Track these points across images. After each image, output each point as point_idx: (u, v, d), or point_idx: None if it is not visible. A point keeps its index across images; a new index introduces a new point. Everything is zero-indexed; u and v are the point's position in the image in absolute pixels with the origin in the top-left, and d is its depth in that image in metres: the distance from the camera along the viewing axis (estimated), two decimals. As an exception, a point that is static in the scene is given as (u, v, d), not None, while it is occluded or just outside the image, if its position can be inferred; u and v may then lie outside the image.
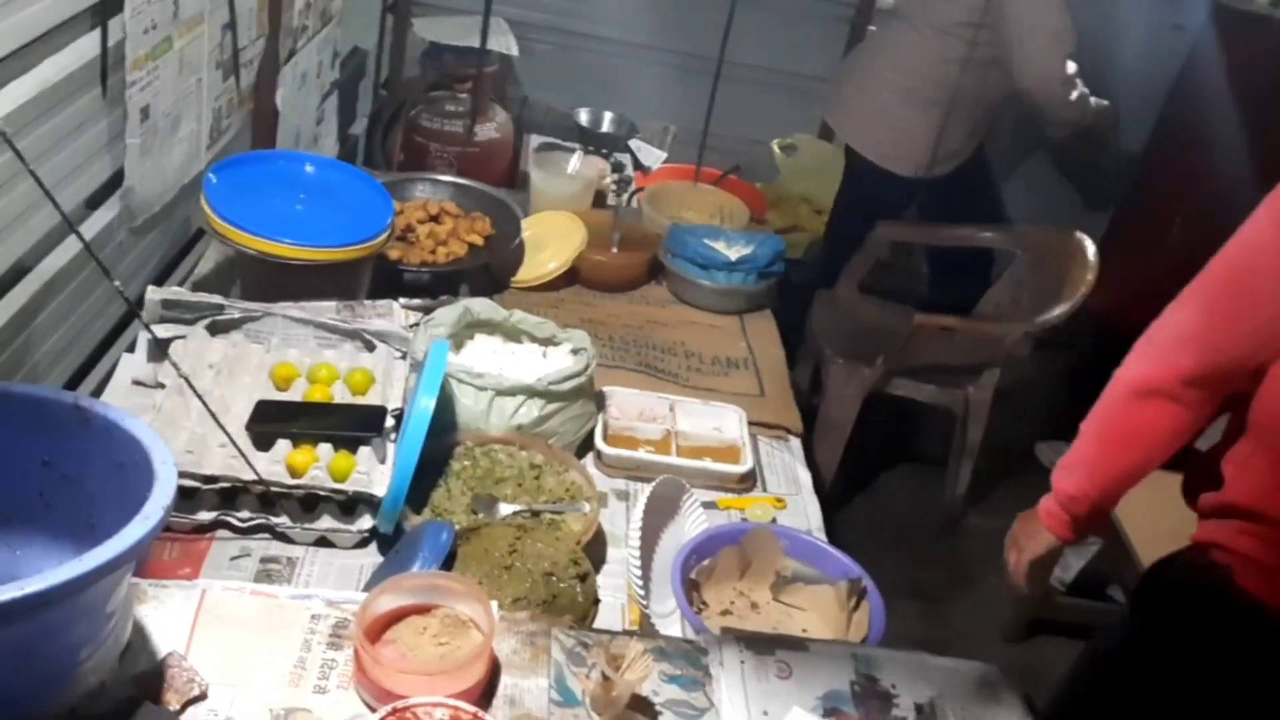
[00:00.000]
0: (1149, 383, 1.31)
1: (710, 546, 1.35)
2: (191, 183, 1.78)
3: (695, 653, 1.10)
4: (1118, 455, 1.36)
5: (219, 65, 1.84)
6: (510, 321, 1.64)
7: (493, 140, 2.94)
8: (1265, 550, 1.26)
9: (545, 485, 1.43)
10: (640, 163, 2.93)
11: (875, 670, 1.11)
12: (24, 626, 0.71)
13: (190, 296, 1.51)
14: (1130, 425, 1.34)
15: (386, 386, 1.48)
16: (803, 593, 1.34)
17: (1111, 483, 1.37)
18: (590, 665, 1.03)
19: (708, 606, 1.31)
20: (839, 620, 1.30)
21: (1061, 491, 1.40)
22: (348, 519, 1.32)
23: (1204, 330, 1.27)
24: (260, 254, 1.54)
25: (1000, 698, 1.10)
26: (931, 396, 2.73)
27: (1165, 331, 1.32)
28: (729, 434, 1.65)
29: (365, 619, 0.97)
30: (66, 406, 0.88)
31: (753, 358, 1.91)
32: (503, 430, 1.49)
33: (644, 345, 1.88)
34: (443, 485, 1.39)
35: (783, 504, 1.57)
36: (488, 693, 1.00)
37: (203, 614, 1.00)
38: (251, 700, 0.92)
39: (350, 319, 1.57)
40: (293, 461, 1.31)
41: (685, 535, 1.42)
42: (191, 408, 1.35)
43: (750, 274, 2.01)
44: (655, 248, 2.07)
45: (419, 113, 2.87)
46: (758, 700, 1.05)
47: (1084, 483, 1.37)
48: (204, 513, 1.29)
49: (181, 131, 1.73)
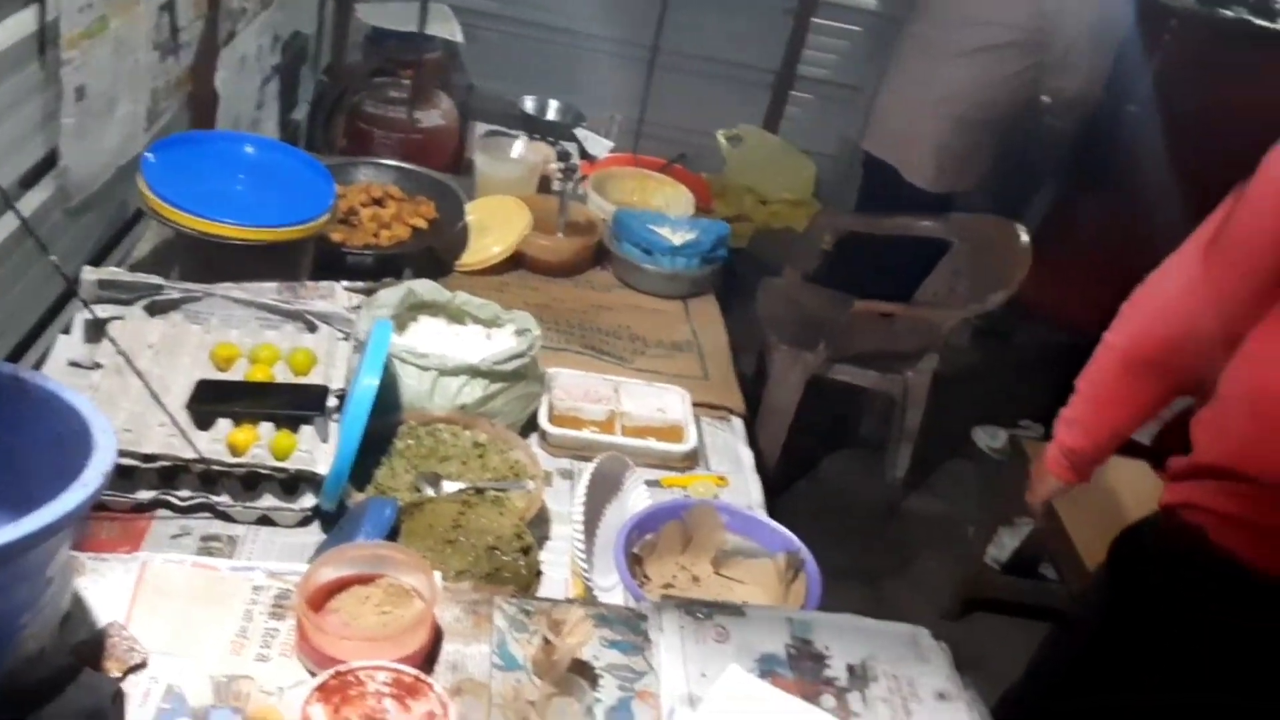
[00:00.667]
0: (1136, 352, 1.44)
1: (653, 522, 1.37)
2: (130, 165, 1.76)
3: (635, 619, 1.12)
4: (1109, 416, 1.53)
5: (157, 46, 1.82)
6: (454, 303, 1.65)
7: (438, 127, 2.93)
8: (1241, 506, 1.32)
9: (489, 464, 1.44)
10: (586, 152, 2.95)
11: (809, 633, 1.14)
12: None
13: (128, 277, 1.50)
14: (1119, 391, 1.49)
15: (329, 367, 1.48)
16: (743, 566, 1.37)
17: (1105, 439, 1.55)
18: (532, 631, 1.05)
19: (650, 580, 1.34)
20: (778, 592, 1.33)
21: (1063, 444, 1.57)
22: (290, 498, 1.32)
23: (1188, 299, 1.36)
24: (199, 234, 1.53)
25: (928, 657, 1.14)
26: (872, 382, 2.79)
27: (1152, 299, 1.43)
28: (672, 414, 1.68)
29: (308, 587, 0.98)
30: (4, 377, 0.87)
31: (696, 341, 1.94)
32: (447, 410, 1.50)
33: (588, 328, 1.90)
34: (386, 464, 1.40)
35: (725, 482, 1.60)
36: (430, 660, 1.01)
37: (143, 586, 1.00)
38: (193, 668, 0.93)
39: (292, 300, 1.57)
40: (234, 440, 1.31)
41: (629, 511, 1.44)
42: (130, 387, 1.34)
43: (694, 259, 2.03)
44: (600, 233, 2.09)
45: (362, 99, 2.85)
46: (695, 663, 1.07)
47: (1081, 438, 1.55)
48: (143, 492, 1.28)
49: (119, 112, 1.71)
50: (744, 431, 1.76)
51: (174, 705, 0.88)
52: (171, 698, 0.89)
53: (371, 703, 0.88)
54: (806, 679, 1.09)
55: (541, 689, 0.99)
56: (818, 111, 3.98)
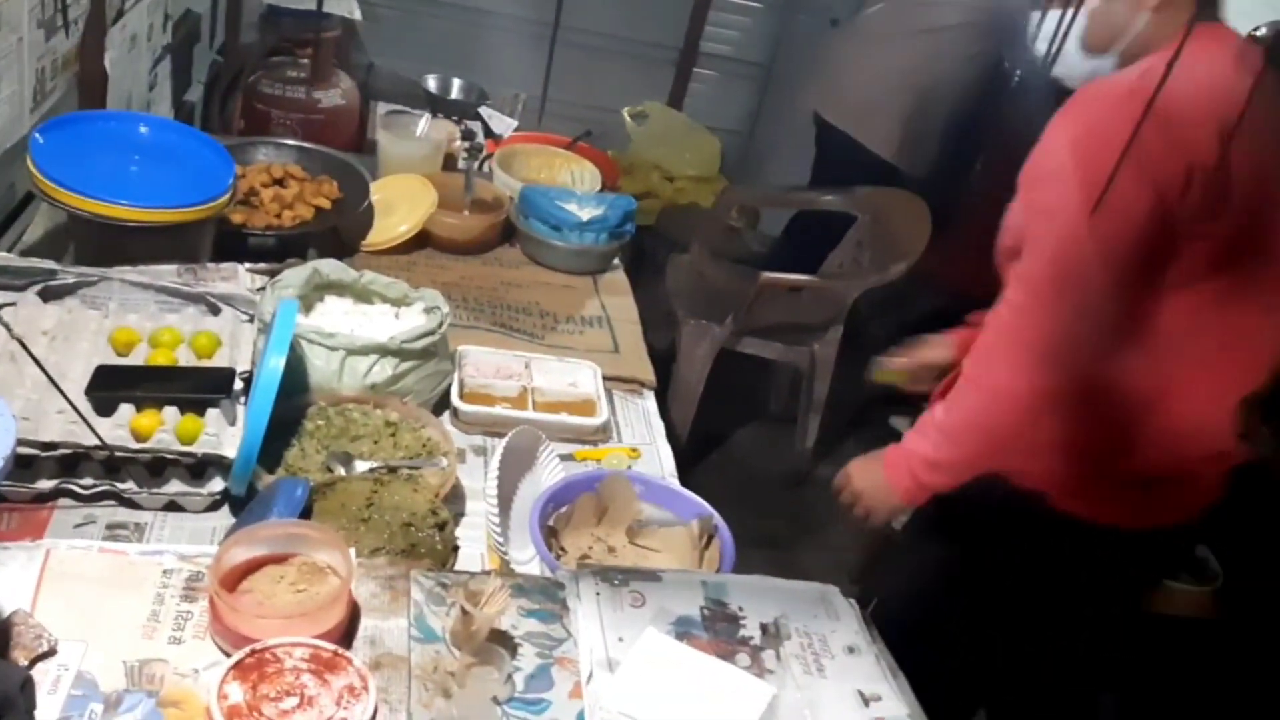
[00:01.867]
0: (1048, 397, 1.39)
1: (567, 494, 1.39)
2: (16, 147, 1.69)
3: (552, 587, 1.14)
4: (997, 457, 1.47)
5: (41, 24, 1.75)
6: (360, 283, 1.64)
7: (338, 107, 2.88)
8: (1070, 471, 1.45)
9: (401, 442, 1.44)
10: (491, 130, 2.93)
11: (723, 596, 1.17)
12: None
13: (19, 262, 1.45)
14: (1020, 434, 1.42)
15: (234, 349, 1.46)
16: (657, 535, 1.40)
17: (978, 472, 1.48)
18: (450, 604, 1.07)
19: (566, 553, 1.35)
20: (692, 558, 1.36)
21: (922, 481, 1.49)
22: (197, 482, 1.30)
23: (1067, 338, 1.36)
24: (92, 215, 1.48)
25: (839, 614, 1.19)
26: (779, 354, 2.85)
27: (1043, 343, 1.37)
28: (584, 389, 1.70)
29: (220, 568, 0.97)
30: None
31: (606, 315, 1.96)
32: (356, 390, 1.49)
33: (498, 306, 1.90)
34: (296, 445, 1.39)
35: (637, 454, 1.63)
36: (347, 636, 1.01)
37: (47, 573, 0.98)
38: (103, 654, 0.92)
39: (193, 282, 1.54)
40: (137, 426, 1.28)
41: (542, 485, 1.46)
42: (25, 375, 1.30)
43: (601, 234, 2.05)
44: (507, 210, 2.09)
45: (258, 79, 2.78)
46: (613, 628, 1.10)
47: (947, 478, 1.48)
48: (43, 481, 1.25)
49: (1, 93, 1.64)
50: (655, 404, 1.79)
51: (85, 691, 0.87)
52: (82, 684, 0.88)
53: (290, 679, 0.89)
54: (722, 639, 1.12)
55: (461, 659, 1.01)
56: (721, 88, 4.02)
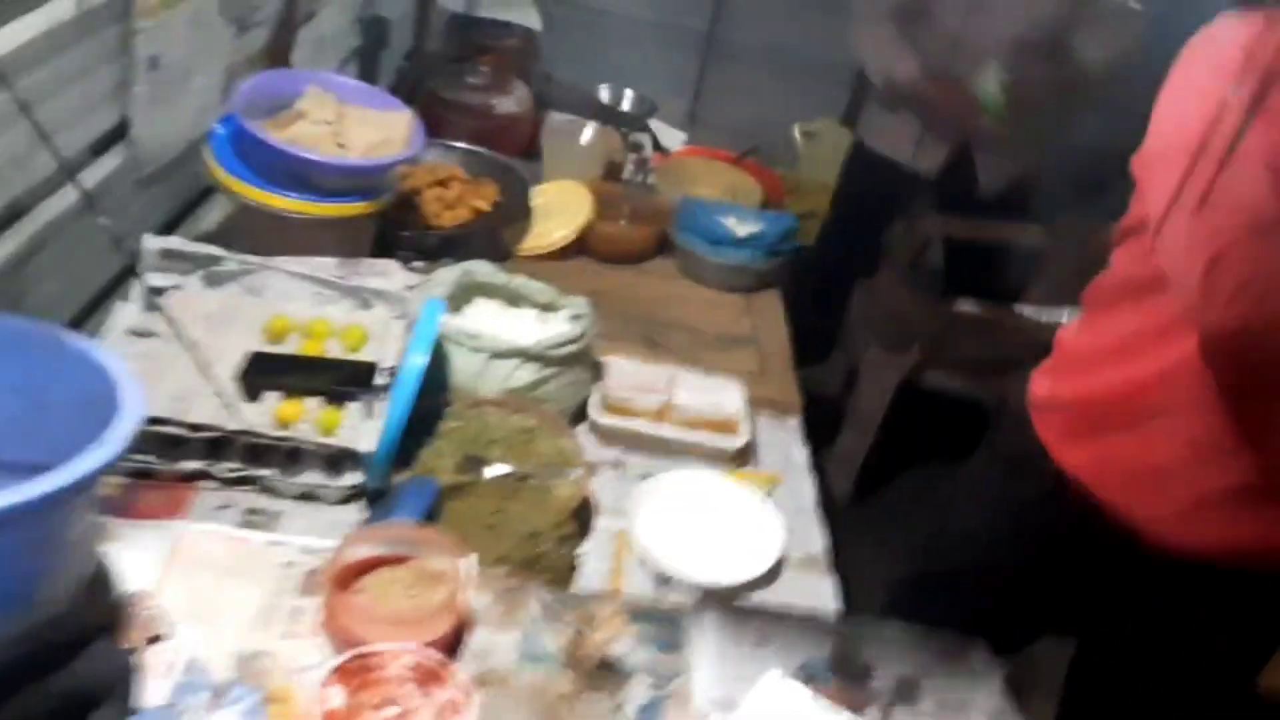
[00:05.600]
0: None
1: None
2: (201, 140, 1.77)
3: (672, 616, 1.08)
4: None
5: (234, 20, 1.83)
6: (511, 285, 1.63)
7: (512, 114, 2.90)
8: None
9: (536, 450, 1.41)
10: (659, 143, 2.91)
11: (854, 643, 1.09)
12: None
13: (188, 247, 1.50)
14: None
15: (382, 344, 1.47)
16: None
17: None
18: (565, 624, 1.02)
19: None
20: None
21: None
22: (333, 474, 1.31)
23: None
24: (263, 206, 1.53)
25: (980, 674, 1.08)
26: (965, 389, 2.67)
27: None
28: (727, 408, 1.63)
29: (336, 566, 0.96)
30: (42, 333, 0.87)
31: (756, 335, 1.89)
32: (496, 393, 1.47)
33: (647, 319, 1.86)
34: (432, 444, 1.38)
35: (776, 480, 1.55)
36: (456, 646, 0.98)
37: (177, 555, 0.99)
38: (216, 642, 0.92)
39: (349, 276, 1.56)
40: (281, 414, 1.30)
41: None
42: (182, 357, 1.34)
43: (759, 252, 1.98)
44: (665, 222, 2.05)
45: (440, 83, 2.85)
46: (733, 665, 1.03)
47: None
48: (189, 462, 1.28)
49: (193, 85, 1.72)
50: (800, 431, 1.70)
51: (195, 679, 0.87)
52: (194, 670, 0.88)
53: (391, 687, 0.86)
54: (850, 690, 1.03)
55: (571, 683, 0.96)
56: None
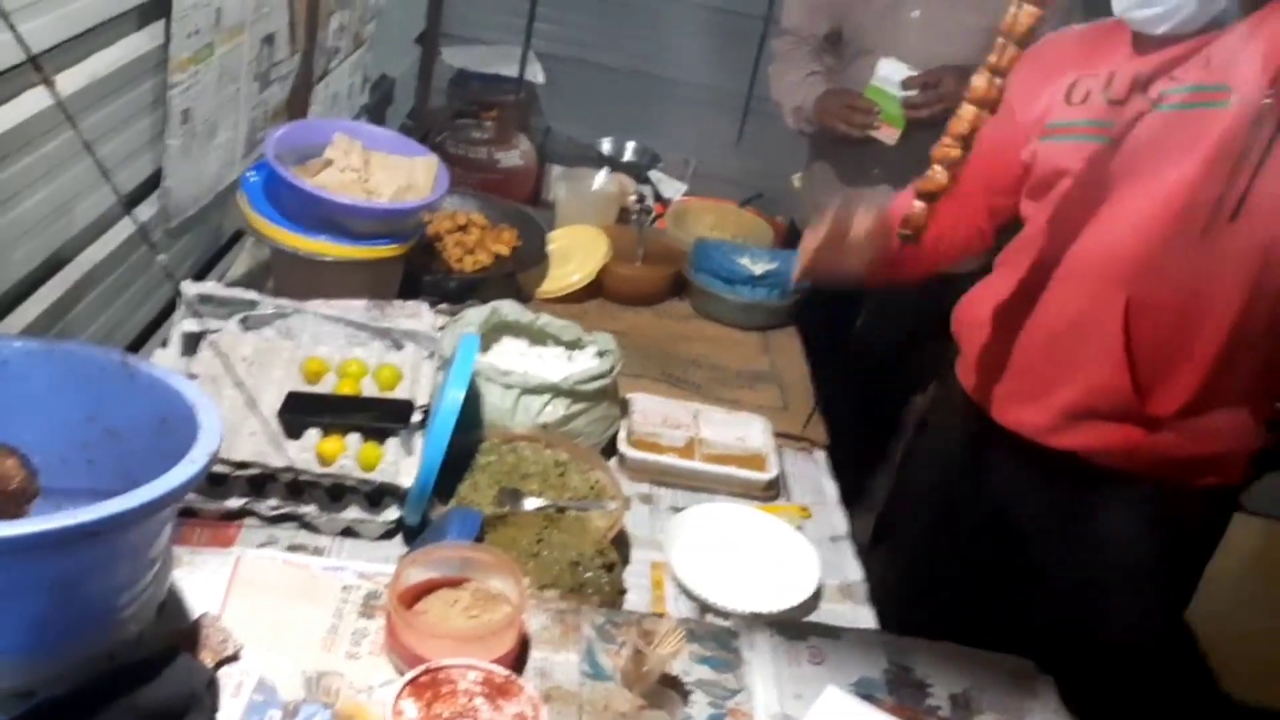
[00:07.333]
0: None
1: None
2: (225, 190, 1.81)
3: (726, 635, 1.09)
4: None
5: (256, 77, 1.88)
6: (537, 324, 1.66)
7: (516, 168, 2.98)
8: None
9: (570, 483, 1.43)
10: (660, 194, 2.97)
11: (908, 660, 1.10)
12: (70, 560, 0.72)
13: (225, 292, 1.53)
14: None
15: (414, 383, 1.49)
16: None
17: None
18: (621, 643, 1.03)
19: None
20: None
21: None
22: (374, 509, 1.32)
23: None
24: (296, 250, 1.56)
25: (1036, 691, 1.09)
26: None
27: None
28: (753, 443, 1.65)
29: (398, 585, 0.97)
30: (112, 362, 0.89)
31: (776, 372, 1.92)
32: (528, 428, 1.49)
33: (667, 357, 1.89)
34: (469, 478, 1.39)
35: (808, 513, 1.57)
36: (518, 665, 0.99)
37: (237, 580, 1.00)
38: (283, 663, 0.92)
39: (380, 318, 1.59)
40: (322, 450, 1.32)
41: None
42: (223, 396, 1.35)
43: (774, 289, 2.02)
44: (679, 263, 2.09)
45: (444, 139, 2.92)
46: (790, 684, 1.04)
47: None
48: (233, 500, 1.29)
49: (219, 138, 1.76)
50: (828, 465, 1.72)
51: (266, 697, 0.87)
52: (264, 690, 0.88)
53: (463, 700, 0.87)
54: (907, 704, 1.04)
55: (631, 700, 0.96)
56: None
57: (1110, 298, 1.38)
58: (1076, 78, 1.42)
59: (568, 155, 3.13)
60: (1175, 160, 1.30)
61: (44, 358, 0.90)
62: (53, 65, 1.28)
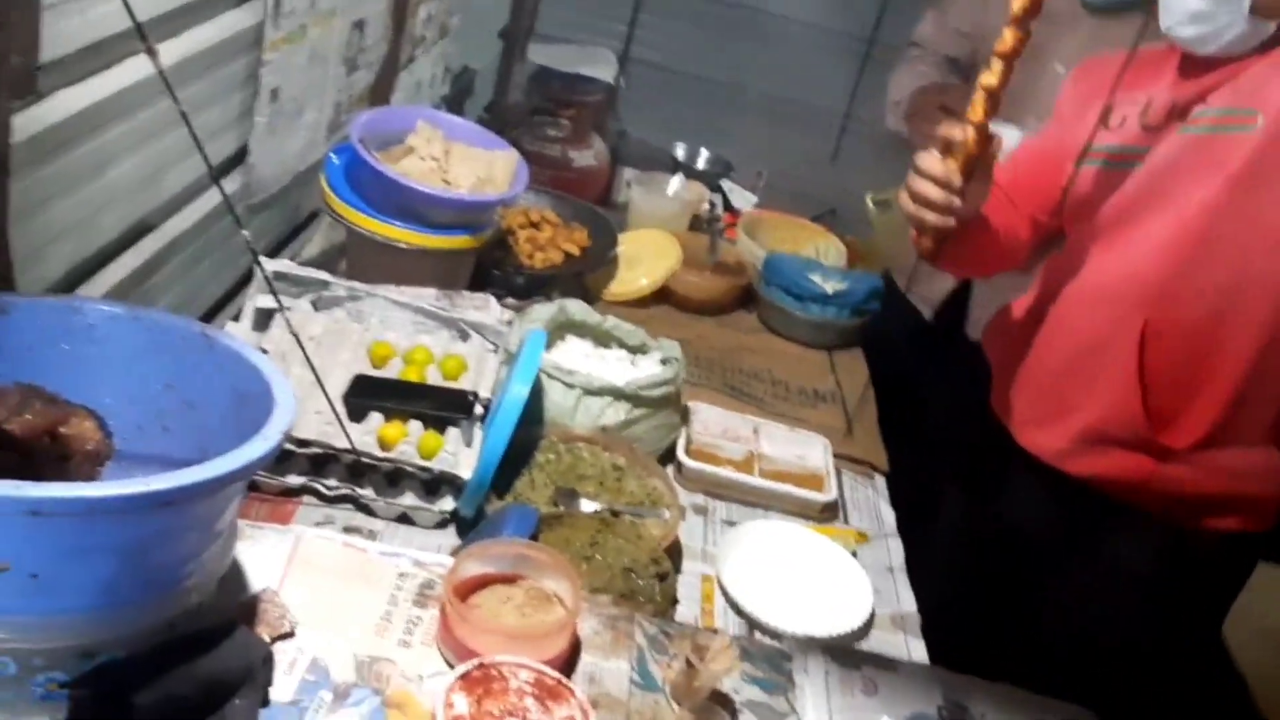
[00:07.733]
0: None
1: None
2: (306, 170, 1.83)
3: (779, 657, 1.07)
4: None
5: (345, 60, 1.90)
6: (603, 326, 1.65)
7: (589, 168, 2.97)
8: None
9: (626, 488, 1.42)
10: (730, 204, 2.94)
11: (964, 699, 1.07)
12: (141, 526, 0.72)
13: (299, 271, 1.54)
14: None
15: (478, 375, 1.49)
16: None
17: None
18: (672, 655, 1.01)
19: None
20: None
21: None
22: (430, 498, 1.32)
23: None
24: (372, 234, 1.57)
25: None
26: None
27: None
28: (812, 462, 1.63)
29: (454, 577, 0.97)
30: (193, 332, 0.90)
31: (840, 392, 1.89)
32: (588, 430, 1.48)
33: (730, 368, 1.87)
34: (526, 475, 1.39)
35: (864, 538, 1.54)
36: (568, 669, 0.98)
37: (296, 559, 1.00)
38: (338, 644, 0.92)
39: (448, 308, 1.59)
40: (384, 435, 1.32)
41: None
42: (290, 375, 1.37)
43: (844, 309, 1.99)
44: (749, 275, 2.07)
45: (520, 134, 2.92)
46: (841, 713, 1.01)
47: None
48: (293, 476, 1.30)
49: (305, 118, 1.78)
50: (887, 491, 1.69)
51: (318, 677, 0.87)
52: (316, 670, 0.88)
53: (514, 699, 0.86)
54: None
55: (680, 715, 0.95)
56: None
57: (1128, 320, 1.35)
58: (1118, 101, 1.40)
59: (640, 158, 3.12)
60: (1199, 183, 1.27)
61: (128, 324, 0.91)
62: (155, 35, 1.30)
